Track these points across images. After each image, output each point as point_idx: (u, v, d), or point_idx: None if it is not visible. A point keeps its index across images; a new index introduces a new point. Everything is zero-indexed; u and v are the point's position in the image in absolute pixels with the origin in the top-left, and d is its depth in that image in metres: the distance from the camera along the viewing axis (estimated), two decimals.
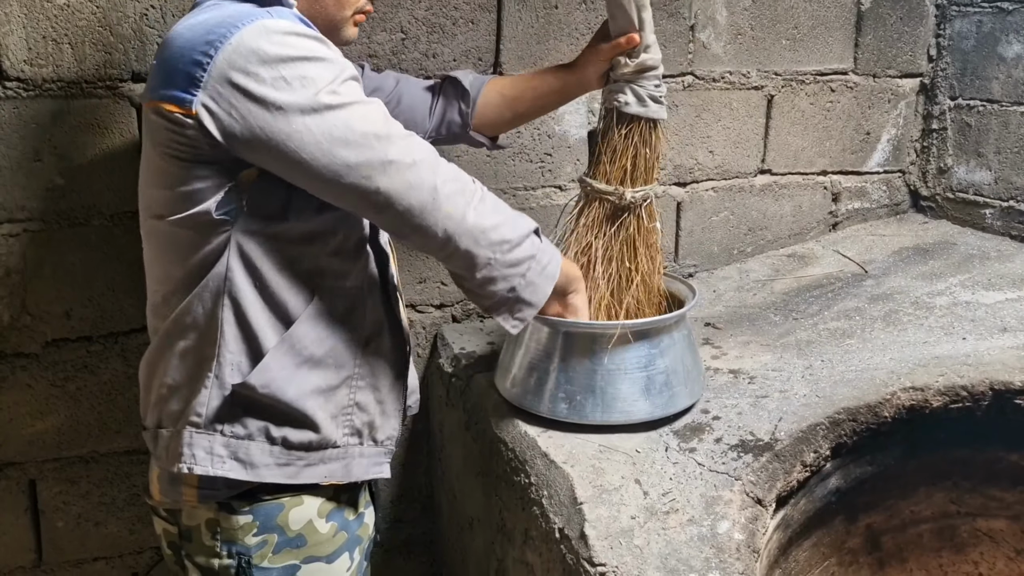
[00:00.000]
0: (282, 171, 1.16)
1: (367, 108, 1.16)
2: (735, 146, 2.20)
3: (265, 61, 1.10)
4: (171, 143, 1.15)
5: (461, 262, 1.25)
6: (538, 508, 1.44)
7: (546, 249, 1.33)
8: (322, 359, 1.26)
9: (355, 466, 1.32)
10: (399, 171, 1.16)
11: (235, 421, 1.23)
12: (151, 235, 1.26)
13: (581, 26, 1.95)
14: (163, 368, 1.26)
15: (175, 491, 1.28)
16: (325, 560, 1.30)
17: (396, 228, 1.23)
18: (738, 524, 1.33)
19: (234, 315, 1.21)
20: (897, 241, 2.28)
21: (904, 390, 1.52)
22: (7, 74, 1.59)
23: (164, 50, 1.17)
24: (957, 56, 2.28)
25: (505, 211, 1.29)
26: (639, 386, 1.51)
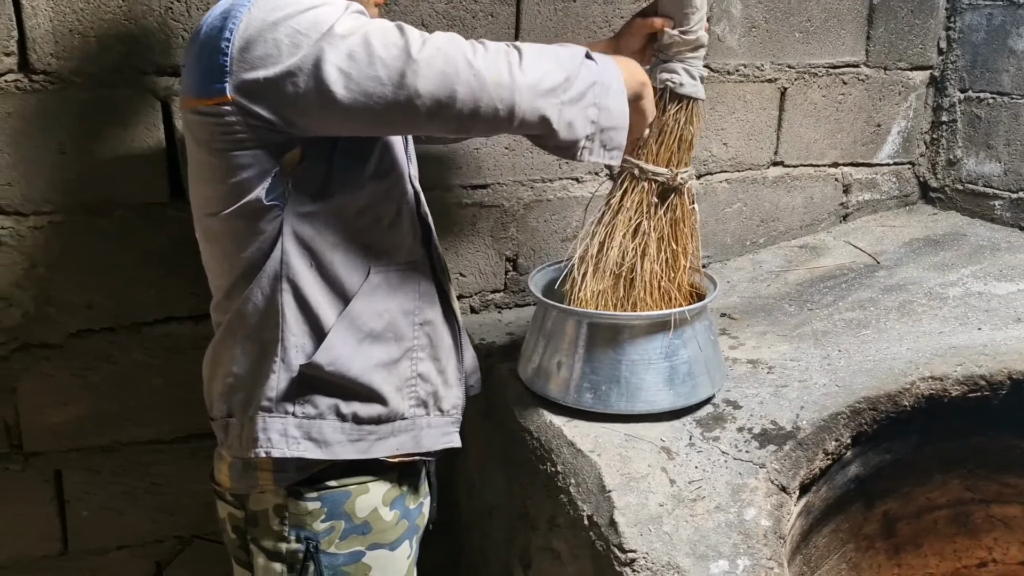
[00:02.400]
0: (333, 121, 1.16)
1: (378, 24, 1.14)
2: (749, 138, 2.21)
3: (276, 24, 1.11)
4: (214, 137, 1.17)
5: (535, 125, 1.20)
6: (565, 496, 1.46)
7: (604, 67, 1.26)
8: (381, 333, 1.28)
9: (424, 436, 1.35)
10: (428, 65, 1.12)
11: (305, 401, 1.26)
12: (208, 233, 1.28)
13: (599, 19, 1.97)
14: (227, 358, 1.29)
15: (250, 477, 1.30)
16: (388, 547, 1.33)
17: (457, 124, 1.18)
18: (764, 511, 1.35)
19: (294, 298, 1.23)
20: (907, 232, 2.31)
21: (923, 379, 1.55)
22: (34, 67, 1.60)
23: (191, 50, 1.20)
24: (967, 49, 2.30)
25: (546, 53, 1.22)
26: (663, 376, 1.53)
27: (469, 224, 2.00)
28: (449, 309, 1.40)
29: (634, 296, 1.55)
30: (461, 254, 2.01)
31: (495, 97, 1.15)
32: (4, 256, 1.67)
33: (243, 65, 1.11)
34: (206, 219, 1.27)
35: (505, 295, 2.09)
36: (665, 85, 1.49)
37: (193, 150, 1.25)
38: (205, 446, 1.89)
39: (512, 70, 1.16)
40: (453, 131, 1.22)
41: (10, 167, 1.63)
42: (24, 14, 1.57)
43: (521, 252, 2.07)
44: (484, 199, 1.99)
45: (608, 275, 1.55)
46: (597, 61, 1.26)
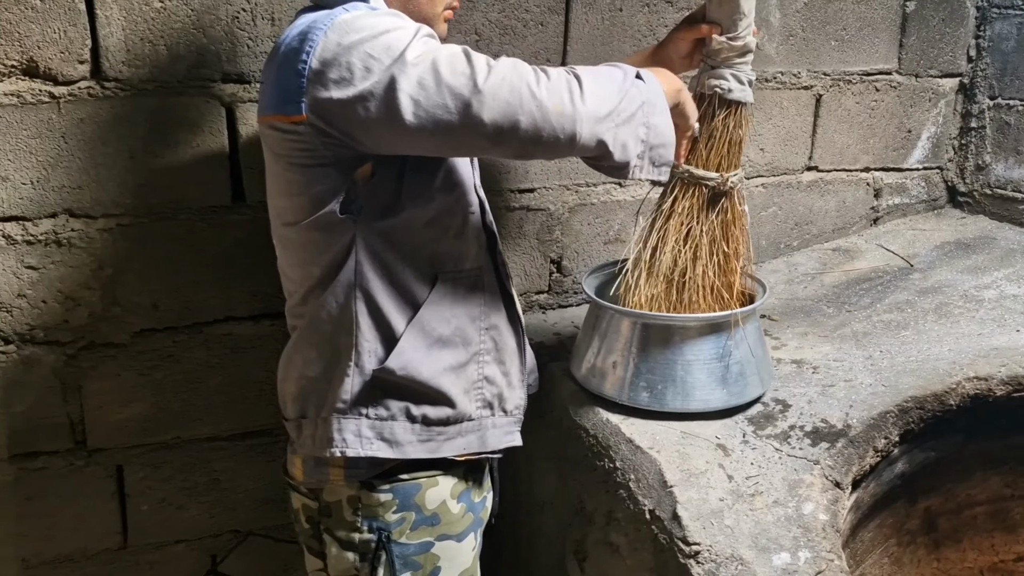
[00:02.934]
0: (401, 143, 1.21)
1: (446, 52, 1.18)
2: (784, 144, 2.27)
3: (351, 48, 1.16)
4: (291, 152, 1.23)
5: (592, 148, 1.25)
6: (624, 491, 1.51)
7: (649, 85, 1.30)
8: (450, 338, 1.34)
9: (489, 436, 1.41)
10: (495, 96, 1.16)
11: (378, 404, 1.31)
12: (284, 241, 1.34)
13: (643, 28, 2.02)
14: (301, 361, 1.34)
15: (321, 472, 1.36)
16: (455, 539, 1.38)
17: (520, 150, 1.23)
18: (821, 506, 1.41)
19: (366, 306, 1.29)
20: (938, 236, 2.36)
21: (968, 380, 1.60)
22: (106, 75, 1.65)
23: (270, 66, 1.26)
24: (997, 57, 2.36)
25: (601, 78, 1.26)
26: (716, 375, 1.58)
27: (516, 227, 2.05)
28: (513, 313, 1.46)
29: (686, 298, 1.60)
30: (508, 256, 2.07)
31: (557, 126, 1.19)
32: (73, 258, 1.72)
33: (318, 87, 1.17)
34: (283, 228, 1.33)
35: (549, 296, 2.15)
36: (714, 91, 1.54)
37: (271, 162, 1.31)
38: (260, 443, 1.95)
39: (573, 99, 1.20)
40: (515, 156, 1.27)
41: (81, 171, 1.68)
42: (98, 23, 1.62)
43: (565, 255, 2.12)
44: (531, 203, 2.05)
45: (661, 278, 1.61)
46: (645, 79, 1.30)
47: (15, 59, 1.59)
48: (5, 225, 1.67)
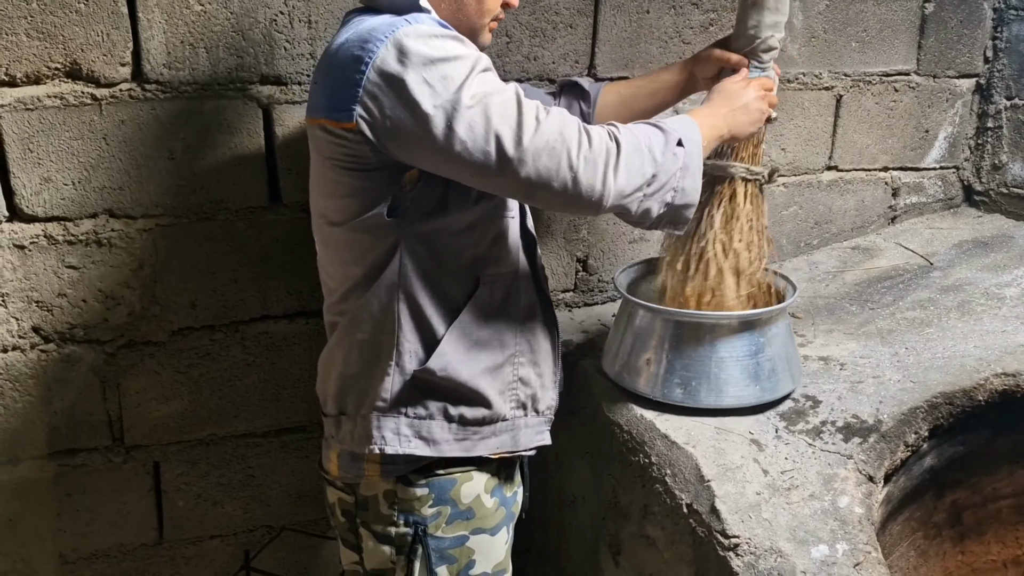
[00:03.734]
0: (435, 167, 1.25)
1: (502, 98, 1.21)
2: (806, 144, 2.30)
3: (411, 67, 1.18)
4: (339, 155, 1.26)
5: (617, 212, 1.31)
6: (660, 485, 1.54)
7: (688, 147, 1.33)
8: (488, 341, 1.37)
9: (522, 436, 1.44)
10: (536, 158, 1.21)
11: (417, 403, 1.34)
12: (327, 240, 1.37)
13: (670, 30, 2.05)
14: (342, 359, 1.37)
15: (357, 467, 1.39)
16: (489, 532, 1.41)
17: (544, 205, 1.31)
18: (856, 499, 1.44)
19: (408, 307, 1.32)
20: (956, 234, 2.40)
21: (996, 376, 1.64)
22: (147, 77, 1.67)
23: (324, 71, 1.28)
24: (1014, 58, 2.39)
25: (642, 146, 1.29)
26: (749, 372, 1.61)
27: (543, 226, 2.08)
28: (550, 317, 1.49)
29: (719, 295, 1.63)
30: None
31: (585, 196, 1.24)
32: (113, 257, 1.74)
33: (371, 98, 1.19)
34: (326, 227, 1.36)
35: (575, 294, 2.18)
36: None
37: (317, 163, 1.33)
38: (294, 439, 1.98)
39: (607, 175, 1.25)
40: (537, 206, 1.35)
41: (122, 172, 1.71)
42: (140, 26, 1.65)
43: (591, 253, 2.15)
44: None
45: (695, 275, 1.64)
46: (686, 143, 1.32)
47: (59, 62, 1.62)
48: (47, 225, 1.70)
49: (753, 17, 1.51)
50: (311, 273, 1.52)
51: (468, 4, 1.34)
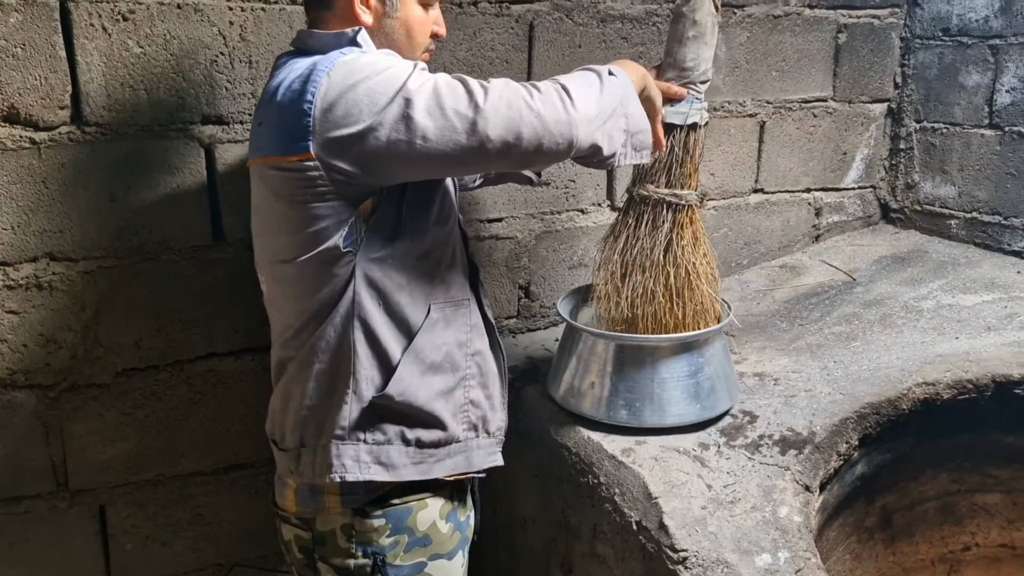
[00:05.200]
0: (413, 169, 1.28)
1: (443, 79, 1.27)
2: (733, 168, 2.41)
3: (354, 87, 1.23)
4: (295, 190, 1.28)
5: (587, 149, 1.33)
6: (610, 504, 1.60)
7: (621, 78, 1.38)
8: (440, 364, 1.41)
9: (475, 457, 1.47)
10: (496, 113, 1.24)
11: (375, 429, 1.37)
12: (279, 278, 1.38)
13: (602, 63, 2.12)
14: (300, 391, 1.39)
15: (316, 500, 1.40)
16: (447, 557, 1.44)
17: (523, 160, 1.30)
18: (795, 508, 1.51)
19: (364, 335, 1.35)
20: (875, 251, 2.53)
21: (918, 385, 1.74)
22: (87, 119, 1.67)
23: (267, 111, 1.31)
24: (921, 84, 2.55)
25: (583, 82, 1.33)
26: (690, 391, 1.68)
27: (486, 255, 2.13)
28: (495, 340, 1.54)
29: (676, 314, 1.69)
30: None
31: (556, 133, 1.27)
32: (55, 301, 1.73)
33: (326, 125, 1.23)
34: (279, 265, 1.37)
35: (518, 321, 2.23)
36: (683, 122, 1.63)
37: (270, 203, 1.34)
38: (243, 476, 1.98)
39: (566, 107, 1.28)
40: (519, 167, 1.37)
41: (62, 215, 1.70)
42: (79, 69, 1.65)
43: (533, 280, 2.21)
44: (499, 232, 2.13)
45: (632, 298, 1.70)
46: (616, 74, 1.39)
47: None
48: None
49: (694, 50, 1.58)
50: (257, 309, 1.53)
51: (399, 39, 1.40)
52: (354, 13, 1.34)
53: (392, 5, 1.37)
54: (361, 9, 1.35)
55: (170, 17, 1.69)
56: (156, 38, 1.69)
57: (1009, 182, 2.38)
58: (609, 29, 2.12)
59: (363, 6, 1.35)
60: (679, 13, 1.58)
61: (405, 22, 1.38)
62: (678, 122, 1.61)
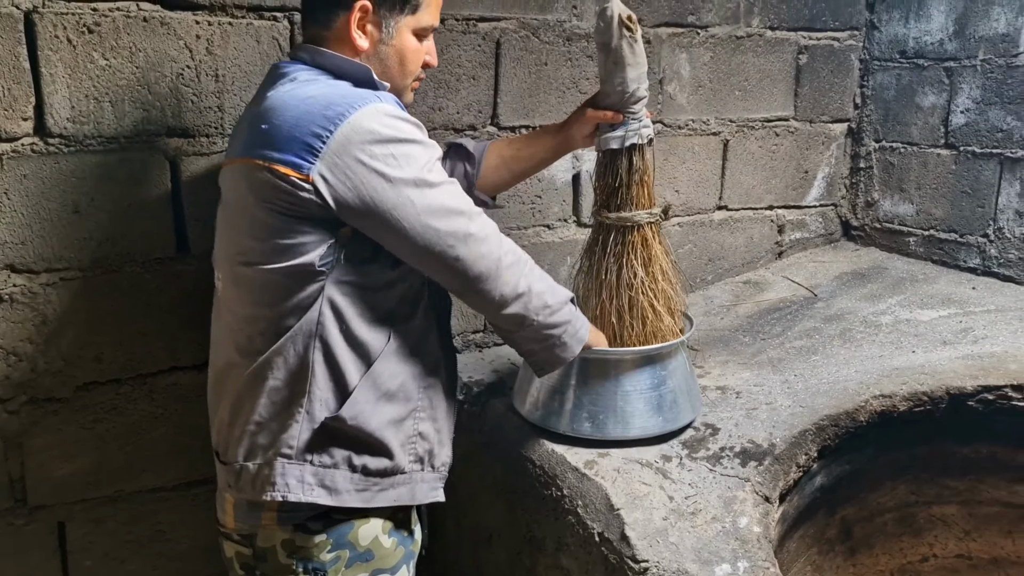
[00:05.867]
0: (381, 235, 1.31)
1: (453, 187, 1.35)
2: (697, 185, 2.44)
3: (379, 140, 1.26)
4: (279, 200, 1.27)
5: (510, 321, 1.44)
6: (573, 516, 1.61)
7: (580, 317, 1.55)
8: (395, 393, 1.41)
9: (418, 490, 1.47)
10: (476, 243, 1.34)
11: (323, 452, 1.36)
12: (239, 280, 1.36)
13: (567, 80, 2.16)
14: (251, 406, 1.37)
15: (254, 516, 1.39)
16: (389, 572, 1.44)
17: (462, 289, 1.40)
18: (754, 519, 1.53)
19: (323, 356, 1.34)
20: (836, 267, 2.58)
21: (875, 397, 1.78)
22: (50, 131, 1.67)
23: (273, 116, 1.27)
24: (880, 104, 2.61)
25: (548, 281, 1.49)
26: (653, 404, 1.70)
27: None
28: (452, 377, 1.54)
29: (632, 333, 1.71)
30: None
31: (499, 287, 1.39)
32: (15, 313, 1.71)
33: (337, 159, 1.24)
34: (241, 267, 1.35)
35: (485, 335, 2.24)
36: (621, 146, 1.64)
37: (247, 203, 1.30)
38: (204, 491, 1.96)
39: (520, 276, 1.42)
40: (454, 290, 1.44)
41: (24, 227, 1.68)
42: (43, 81, 1.64)
43: None
44: None
45: (605, 317, 1.72)
46: (576, 309, 1.53)
47: None
48: None
49: (618, 75, 1.60)
50: None
51: (392, 66, 1.41)
52: (351, 36, 1.36)
53: (388, 33, 1.39)
54: (358, 34, 1.36)
55: (136, 30, 1.69)
56: (122, 51, 1.69)
57: (964, 200, 2.44)
58: (575, 48, 2.16)
59: (359, 31, 1.36)
60: (599, 43, 1.61)
61: (399, 50, 1.41)
62: (615, 146, 1.63)
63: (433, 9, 1.43)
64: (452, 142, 1.79)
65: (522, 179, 1.86)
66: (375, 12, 1.36)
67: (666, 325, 1.69)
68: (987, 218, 2.39)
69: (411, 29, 1.41)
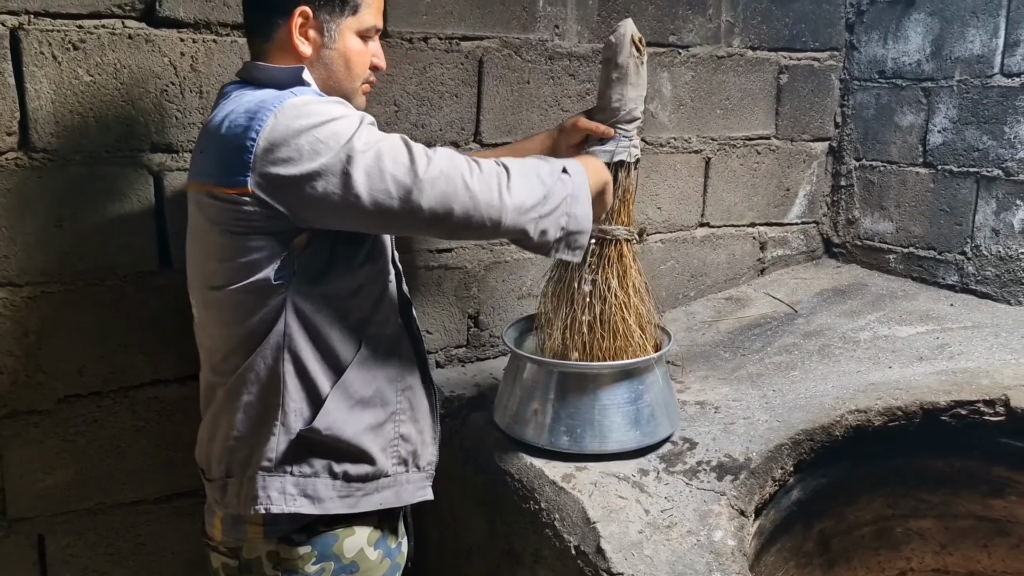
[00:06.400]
0: (340, 221, 1.31)
1: (389, 141, 1.30)
2: (679, 202, 2.47)
3: (300, 132, 1.25)
4: (229, 220, 1.29)
5: (516, 234, 1.38)
6: (550, 530, 1.62)
7: (575, 179, 1.43)
8: (370, 399, 1.42)
9: (404, 491, 1.48)
10: (432, 185, 1.28)
11: (302, 462, 1.37)
12: (209, 304, 1.39)
13: (549, 98, 2.19)
14: (228, 422, 1.39)
15: (239, 530, 1.40)
16: None
17: (451, 233, 1.35)
18: (729, 533, 1.55)
19: (294, 367, 1.35)
20: (817, 284, 2.60)
21: (850, 412, 1.79)
22: (34, 145, 1.68)
23: (210, 140, 1.32)
24: (859, 123, 2.65)
25: (529, 171, 1.39)
26: (630, 418, 1.72)
27: (435, 285, 2.16)
28: (427, 376, 1.55)
29: (602, 345, 1.73)
30: (428, 313, 2.17)
31: (485, 215, 1.33)
32: None
33: (266, 163, 1.25)
34: (209, 291, 1.37)
35: (467, 350, 2.25)
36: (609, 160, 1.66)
37: (204, 229, 1.34)
38: (186, 504, 1.96)
39: (501, 192, 1.34)
40: (444, 237, 1.41)
41: (7, 240, 1.70)
42: (27, 96, 1.66)
43: (482, 310, 2.24)
44: (449, 262, 2.16)
45: (563, 329, 1.73)
46: (571, 173, 1.44)
47: None
48: None
49: (618, 90, 1.64)
50: None
51: (337, 70, 1.42)
52: (293, 44, 1.37)
53: (330, 36, 1.39)
54: (300, 40, 1.37)
55: (121, 47, 1.71)
56: (106, 67, 1.71)
57: (942, 218, 2.47)
58: (557, 66, 2.19)
59: (302, 37, 1.37)
60: (604, 58, 1.65)
61: (343, 53, 1.41)
62: (604, 160, 1.65)
63: (374, 10, 1.43)
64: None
65: None
66: (315, 17, 1.37)
67: (636, 340, 1.70)
68: (965, 236, 2.42)
69: (354, 31, 1.41)
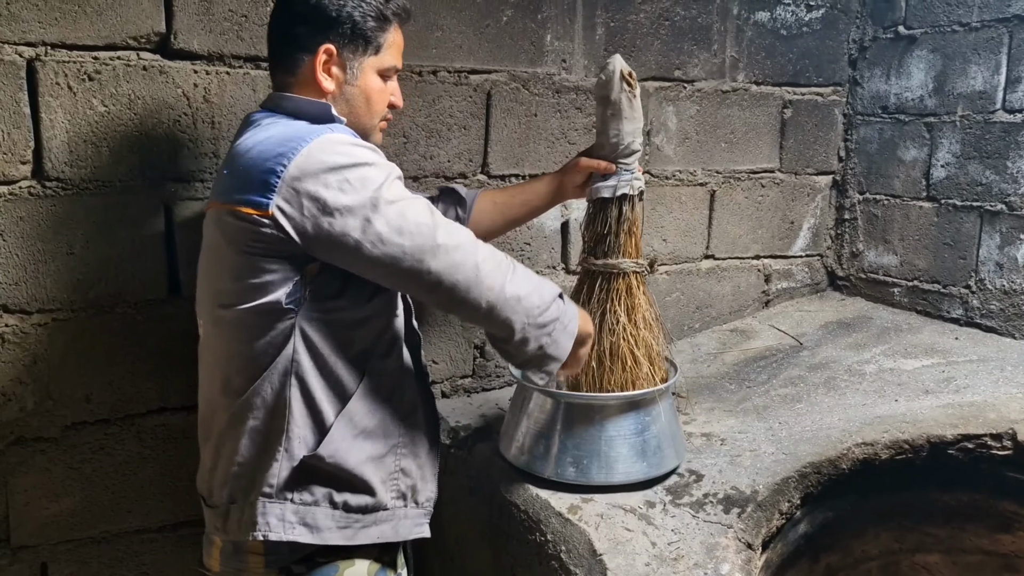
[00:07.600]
0: (347, 262, 1.32)
1: (415, 202, 1.34)
2: (684, 235, 2.49)
3: (331, 168, 1.28)
4: (247, 241, 1.31)
5: (501, 328, 1.41)
6: (556, 562, 1.61)
7: (568, 310, 1.49)
8: (373, 430, 1.42)
9: (401, 526, 1.48)
10: (446, 253, 1.32)
11: (303, 489, 1.37)
12: (218, 322, 1.39)
13: (556, 131, 2.21)
14: (232, 447, 1.39)
15: (240, 560, 1.39)
16: None
17: (446, 303, 1.39)
18: (736, 566, 1.54)
19: (300, 393, 1.36)
20: (822, 316, 2.61)
21: (857, 445, 1.79)
22: (48, 175, 1.70)
23: (236, 161, 1.34)
24: (863, 157, 2.67)
25: (533, 279, 1.45)
26: (637, 449, 1.72)
27: (442, 316, 2.17)
28: (431, 413, 1.56)
29: (611, 378, 1.73)
30: (434, 343, 2.18)
31: (484, 295, 1.36)
32: (6, 353, 1.73)
33: (291, 191, 1.27)
34: (219, 310, 1.38)
35: (473, 380, 2.26)
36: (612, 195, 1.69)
37: (219, 246, 1.35)
38: (190, 534, 1.96)
39: (505, 279, 1.38)
40: (439, 307, 1.44)
41: (19, 267, 1.71)
42: (42, 126, 1.68)
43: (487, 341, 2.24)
44: None
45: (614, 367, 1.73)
46: (565, 302, 1.49)
47: None
48: None
49: (615, 127, 1.66)
50: None
51: (359, 107, 1.45)
52: (316, 79, 1.40)
53: (352, 74, 1.43)
54: (323, 76, 1.40)
55: (136, 78, 1.74)
56: (121, 98, 1.73)
57: (946, 252, 2.48)
58: (564, 99, 2.21)
59: (325, 73, 1.41)
60: (598, 96, 1.67)
61: (364, 90, 1.44)
62: (607, 195, 1.67)
63: (395, 51, 1.47)
64: (444, 186, 1.83)
65: (514, 226, 1.90)
66: (339, 55, 1.41)
67: (644, 372, 1.71)
68: (969, 269, 2.43)
69: (375, 70, 1.45)
